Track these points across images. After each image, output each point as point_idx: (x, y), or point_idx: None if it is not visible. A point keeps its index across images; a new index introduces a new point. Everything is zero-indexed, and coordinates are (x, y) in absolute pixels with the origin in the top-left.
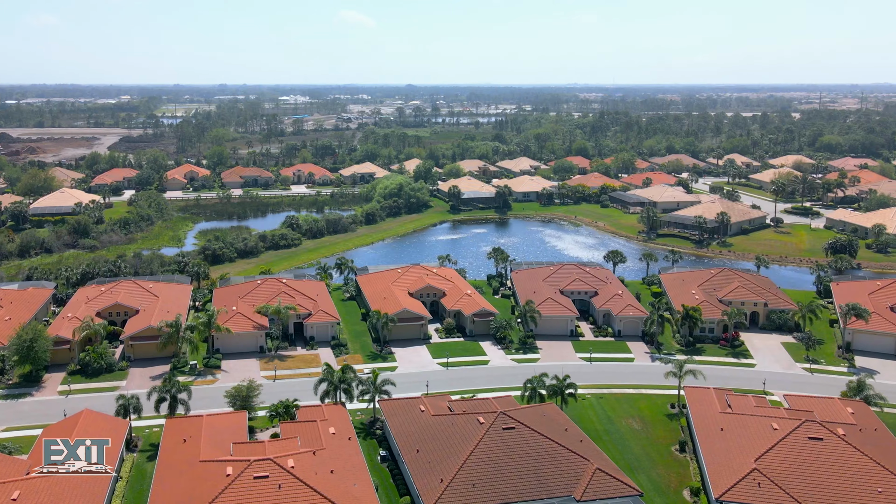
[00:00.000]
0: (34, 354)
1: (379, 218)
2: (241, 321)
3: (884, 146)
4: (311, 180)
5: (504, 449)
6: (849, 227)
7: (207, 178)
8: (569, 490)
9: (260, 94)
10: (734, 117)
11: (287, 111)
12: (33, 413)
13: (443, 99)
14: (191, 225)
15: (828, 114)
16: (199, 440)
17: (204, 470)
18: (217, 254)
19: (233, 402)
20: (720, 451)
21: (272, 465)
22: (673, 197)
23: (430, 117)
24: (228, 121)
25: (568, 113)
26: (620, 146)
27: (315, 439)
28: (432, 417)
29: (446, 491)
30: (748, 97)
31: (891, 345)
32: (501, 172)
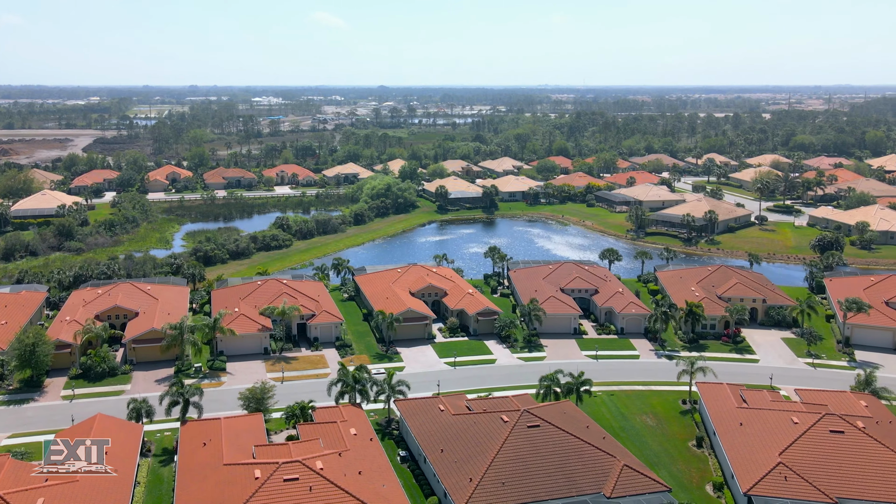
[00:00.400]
0: (36, 359)
1: (367, 218)
2: (245, 323)
3: (854, 146)
4: (295, 181)
5: (530, 447)
6: (832, 225)
7: (190, 180)
8: (598, 487)
9: (232, 96)
10: (707, 118)
11: (261, 112)
12: (39, 419)
13: (416, 100)
14: (177, 227)
15: (797, 114)
16: (220, 443)
17: (230, 473)
18: (209, 255)
19: (247, 404)
20: (742, 446)
21: (301, 468)
22: (658, 196)
23: (406, 118)
24: (204, 122)
25: (545, 114)
26: (600, 146)
27: (338, 440)
28: (453, 417)
29: (477, 490)
30: (717, 98)
31: (889, 339)
32: (485, 172)
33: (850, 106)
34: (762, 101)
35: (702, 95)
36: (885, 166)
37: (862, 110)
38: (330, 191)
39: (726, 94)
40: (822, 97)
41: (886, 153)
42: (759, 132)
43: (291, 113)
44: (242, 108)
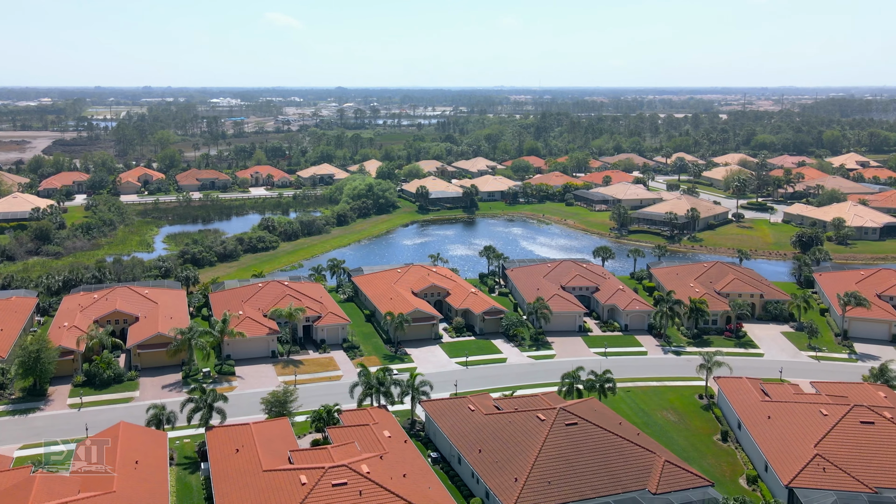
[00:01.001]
0: (40, 367)
1: (350, 219)
2: (252, 326)
3: (812, 145)
4: (270, 182)
5: (571, 445)
6: (807, 221)
7: (162, 182)
8: (642, 484)
9: (188, 97)
10: (668, 118)
11: (222, 113)
12: (49, 429)
13: (376, 101)
14: (155, 229)
15: (753, 115)
16: (255, 449)
17: (272, 480)
18: (197, 258)
19: (269, 408)
20: (775, 439)
21: (348, 472)
22: (636, 194)
23: (370, 119)
24: (166, 124)
25: (510, 115)
26: (569, 146)
27: (373, 443)
28: (486, 416)
29: (524, 489)
30: (672, 99)
31: (885, 331)
32: (459, 173)
33: (801, 107)
34: (714, 101)
35: (656, 97)
36: (846, 164)
37: (812, 111)
38: (307, 192)
39: (678, 94)
40: (772, 98)
41: (842, 152)
42: (721, 132)
43: (252, 114)
44: (202, 110)
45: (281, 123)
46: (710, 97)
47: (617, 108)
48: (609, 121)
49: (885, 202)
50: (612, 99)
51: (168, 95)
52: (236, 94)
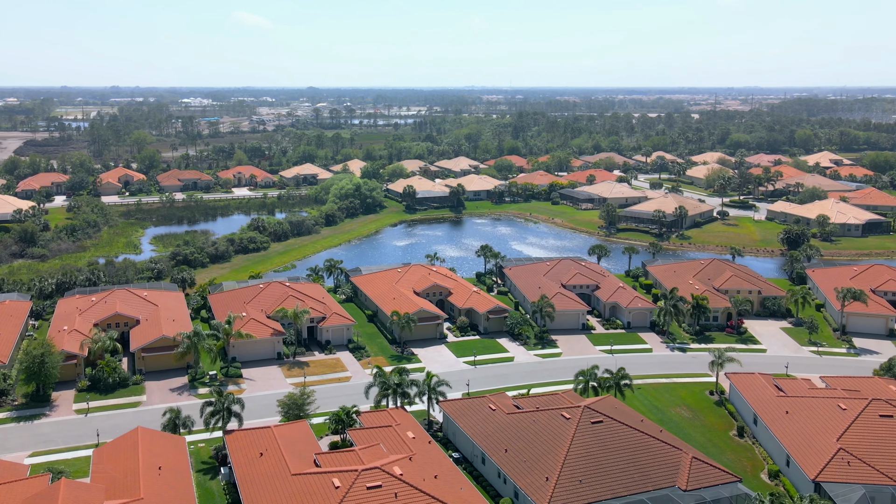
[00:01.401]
0: (45, 372)
1: (338, 219)
2: (256, 327)
3: (785, 143)
4: (253, 182)
5: (598, 443)
6: (791, 219)
7: (143, 183)
8: (671, 481)
9: (158, 97)
10: (642, 118)
11: (195, 113)
12: (57, 435)
13: (349, 101)
14: (141, 231)
15: (725, 114)
16: (280, 453)
17: (303, 484)
18: (189, 259)
19: (286, 411)
20: (796, 434)
21: (382, 474)
22: (621, 193)
23: (345, 119)
24: (140, 124)
25: (487, 115)
26: (548, 145)
27: (398, 445)
28: (508, 416)
29: (556, 488)
30: (642, 99)
31: (882, 325)
32: (442, 172)
33: (769, 107)
34: (684, 101)
35: (626, 96)
36: (821, 162)
37: (780, 110)
38: (291, 192)
39: (648, 94)
40: (739, 98)
41: (814, 151)
42: (696, 131)
43: (226, 114)
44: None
45: (256, 123)
46: (679, 97)
47: (589, 108)
48: (585, 120)
49: (864, 199)
50: (584, 99)
51: (137, 95)
52: (207, 95)
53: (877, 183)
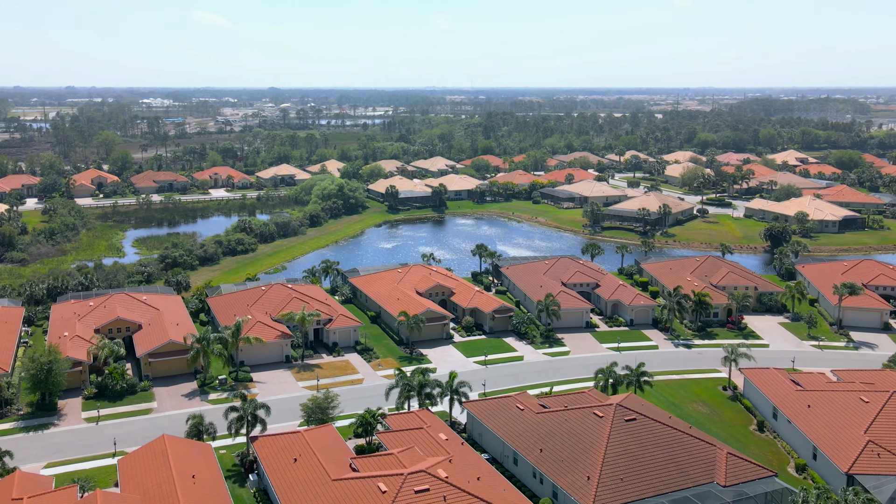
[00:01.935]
0: (52, 379)
1: (322, 220)
2: (264, 330)
3: (749, 142)
4: (230, 184)
5: (634, 441)
6: (769, 216)
7: (118, 184)
8: (709, 477)
9: (116, 97)
10: (608, 117)
11: (157, 114)
12: (71, 445)
13: (313, 101)
14: (121, 233)
15: (688, 114)
16: (315, 458)
17: (346, 490)
18: (178, 261)
19: (310, 414)
20: (821, 427)
21: (428, 477)
22: (602, 192)
23: (313, 119)
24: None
25: (456, 115)
26: (521, 145)
27: (433, 447)
28: (538, 415)
29: (599, 488)
30: (603, 99)
31: (877, 319)
32: (419, 172)
33: (727, 107)
34: (644, 102)
35: (587, 97)
36: (788, 161)
37: (739, 110)
38: (270, 192)
39: (607, 95)
40: (696, 98)
41: (778, 149)
42: (664, 130)
43: (190, 115)
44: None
45: (222, 124)
46: (639, 97)
47: (553, 109)
48: (553, 120)
49: (837, 196)
50: (546, 99)
51: (94, 95)
52: (167, 95)
53: (845, 180)
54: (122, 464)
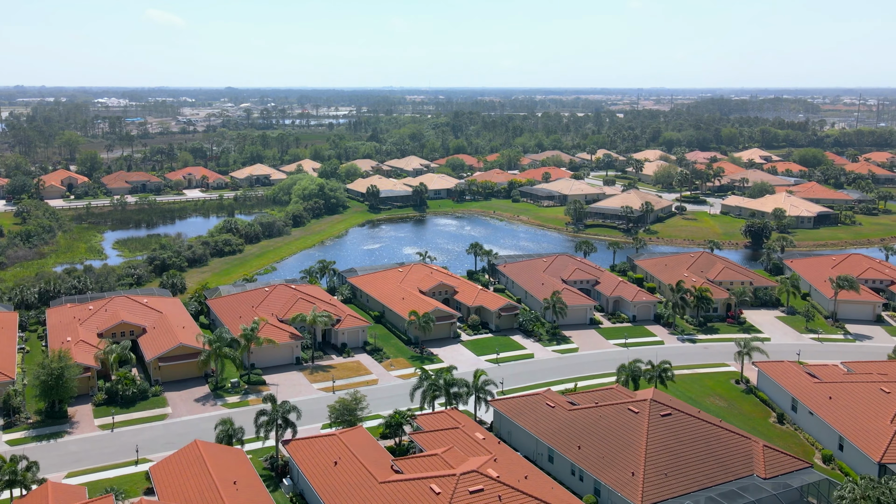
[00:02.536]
0: (63, 386)
1: (305, 220)
2: (274, 332)
3: (712, 141)
4: (205, 184)
5: (672, 436)
6: (745, 212)
7: (89, 185)
8: (749, 469)
9: (70, 96)
10: (572, 117)
11: (116, 113)
12: (89, 454)
13: (273, 101)
14: (98, 235)
15: (648, 114)
16: (356, 460)
17: (397, 492)
18: (166, 263)
19: (339, 416)
20: (846, 418)
21: (480, 477)
22: (581, 190)
23: (276, 119)
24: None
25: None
26: (491, 144)
27: (472, 446)
28: (571, 412)
29: (645, 483)
30: (562, 99)
31: (869, 311)
32: (395, 171)
33: (685, 106)
34: (601, 101)
35: (545, 96)
36: (753, 159)
37: (696, 110)
38: (248, 193)
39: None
40: (651, 98)
41: (740, 148)
42: (629, 129)
43: (148, 115)
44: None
45: (185, 124)
46: (596, 97)
47: (513, 108)
48: (519, 120)
49: (808, 193)
50: (505, 99)
51: (45, 95)
52: (121, 95)
53: (811, 178)
54: (155, 471)
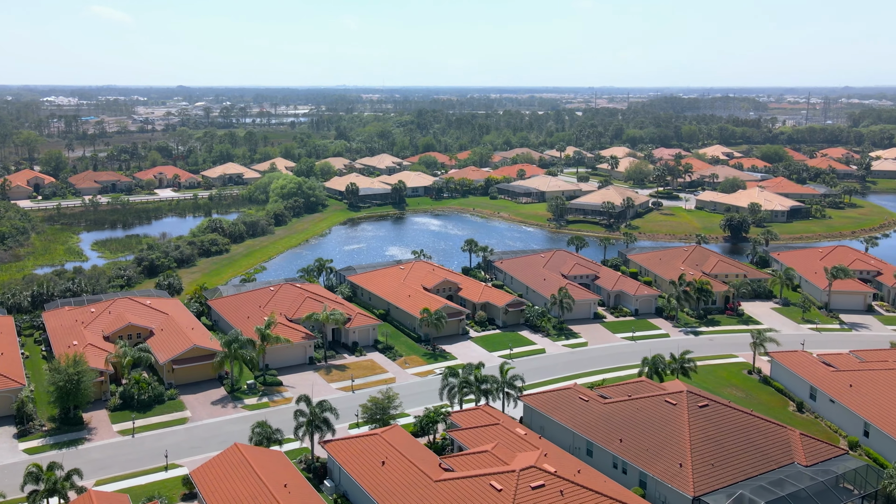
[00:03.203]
0: (81, 391)
1: (287, 218)
2: (287, 332)
3: (673, 138)
4: (177, 183)
5: (713, 426)
6: (720, 207)
7: (56, 186)
8: (789, 458)
9: (15, 95)
10: (532, 115)
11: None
12: (114, 460)
13: (228, 101)
14: (74, 237)
15: (607, 112)
16: (405, 459)
17: (456, 490)
18: (155, 264)
19: (371, 415)
20: (871, 405)
21: (539, 472)
22: (558, 186)
23: (237, 118)
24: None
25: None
26: (459, 142)
27: (517, 442)
28: (606, 406)
29: (694, 474)
30: (517, 98)
31: (860, 301)
32: (367, 169)
33: (640, 104)
34: (555, 100)
35: (500, 95)
36: (717, 155)
37: (651, 108)
38: (223, 192)
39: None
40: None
41: (700, 145)
42: (591, 127)
43: (102, 114)
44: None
45: (143, 123)
46: (549, 96)
47: (471, 107)
48: (482, 117)
49: (777, 188)
50: (461, 98)
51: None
52: (69, 93)
53: (776, 173)
54: (197, 476)
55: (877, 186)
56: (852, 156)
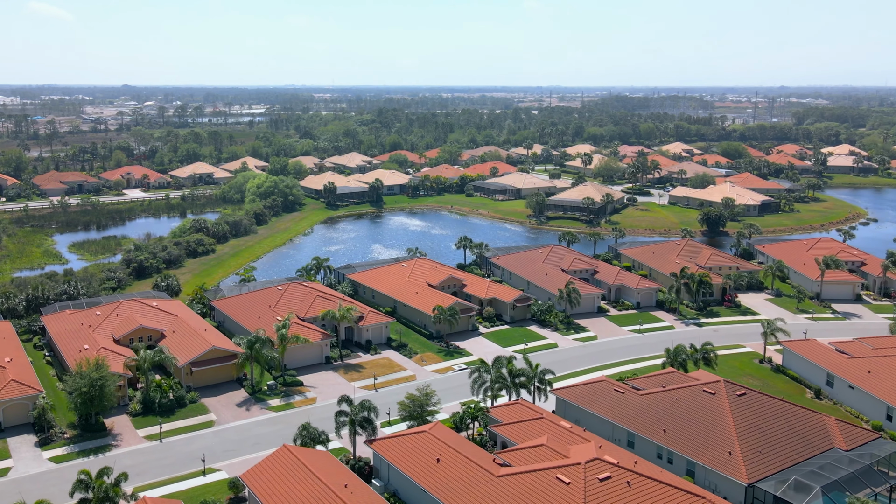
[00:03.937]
0: (104, 396)
1: (267, 218)
2: (303, 331)
3: (632, 136)
4: (146, 184)
5: (755, 414)
6: (693, 202)
7: (20, 187)
8: (829, 443)
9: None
10: (490, 114)
11: (13, 112)
12: (147, 467)
13: (179, 101)
14: (48, 239)
15: (562, 110)
16: (460, 456)
17: (520, 484)
18: (143, 265)
19: (410, 413)
20: (892, 390)
21: (603, 465)
22: (533, 183)
23: (192, 117)
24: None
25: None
26: (423, 140)
27: (565, 435)
28: (643, 397)
29: (745, 461)
30: (470, 97)
31: (849, 291)
32: (338, 168)
33: (593, 103)
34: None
35: (452, 94)
36: (679, 152)
37: (604, 107)
38: (195, 192)
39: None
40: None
41: (657, 142)
42: (552, 125)
43: (49, 113)
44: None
45: (95, 123)
46: (501, 95)
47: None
48: (443, 116)
49: (744, 183)
50: (412, 97)
51: None
52: (8, 92)
53: (739, 169)
54: (249, 479)
55: (833, 181)
56: (806, 152)
